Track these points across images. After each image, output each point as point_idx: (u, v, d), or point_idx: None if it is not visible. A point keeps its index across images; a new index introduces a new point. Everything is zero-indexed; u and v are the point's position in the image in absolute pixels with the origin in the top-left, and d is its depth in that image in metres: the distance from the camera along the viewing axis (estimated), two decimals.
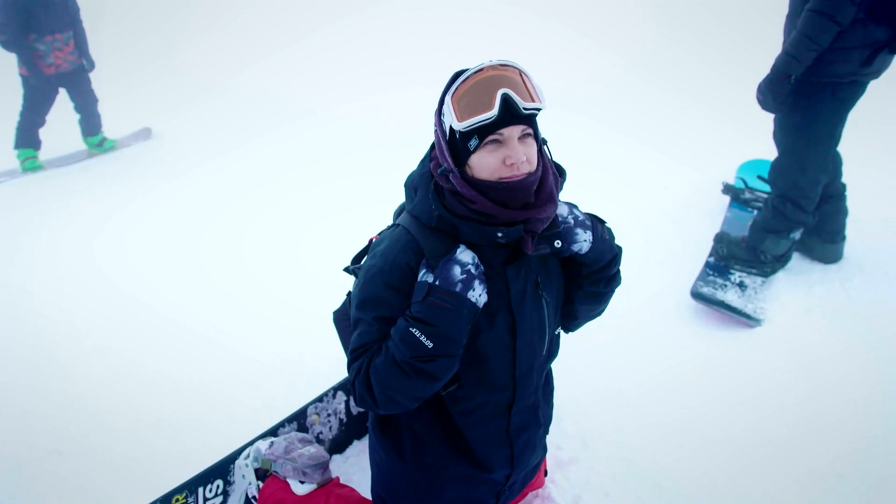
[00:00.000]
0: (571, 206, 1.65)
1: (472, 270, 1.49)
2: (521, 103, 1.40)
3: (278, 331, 3.25)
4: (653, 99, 5.94)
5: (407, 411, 1.65)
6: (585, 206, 1.69)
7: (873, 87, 3.00)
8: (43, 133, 5.83)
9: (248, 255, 4.01)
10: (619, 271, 1.74)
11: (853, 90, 2.93)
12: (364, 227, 1.69)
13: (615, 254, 1.69)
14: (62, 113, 5.95)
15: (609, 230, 1.70)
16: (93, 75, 5.96)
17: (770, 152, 3.31)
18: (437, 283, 1.48)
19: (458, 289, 1.46)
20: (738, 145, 4.51)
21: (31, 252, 4.27)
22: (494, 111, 1.39)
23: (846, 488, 2.25)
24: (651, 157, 4.80)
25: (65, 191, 5.25)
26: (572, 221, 1.60)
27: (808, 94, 2.92)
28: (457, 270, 1.48)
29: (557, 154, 1.66)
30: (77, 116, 5.98)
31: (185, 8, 9.44)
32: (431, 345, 1.46)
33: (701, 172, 4.41)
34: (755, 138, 4.22)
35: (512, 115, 1.41)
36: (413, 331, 1.47)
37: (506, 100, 1.39)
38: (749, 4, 7.17)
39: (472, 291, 1.47)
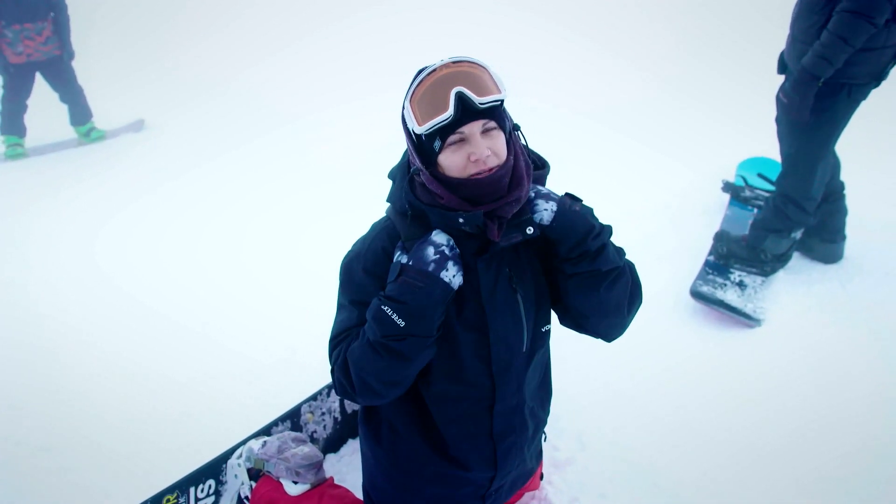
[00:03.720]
0: (539, 186, 1.59)
1: (447, 251, 1.48)
2: (477, 99, 1.39)
3: (273, 328, 3.22)
4: (650, 97, 5.90)
5: (386, 403, 1.66)
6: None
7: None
8: (33, 119, 5.78)
9: (246, 253, 3.96)
10: (605, 248, 1.54)
11: (866, 91, 2.91)
12: (365, 227, 1.68)
13: (591, 226, 1.52)
14: (52, 100, 5.90)
15: (587, 208, 1.56)
16: (86, 71, 5.90)
17: (768, 150, 3.28)
18: (410, 262, 1.48)
19: (430, 268, 1.46)
20: (735, 143, 4.48)
21: (21, 243, 4.22)
22: (450, 111, 1.38)
23: (846, 489, 2.23)
24: (648, 156, 4.76)
25: (52, 180, 5.22)
26: (533, 195, 1.54)
27: (823, 96, 2.86)
28: (430, 251, 1.48)
29: (554, 153, 1.63)
30: (65, 106, 5.95)
31: (189, 5, 9.37)
32: (403, 323, 1.45)
33: (698, 171, 4.38)
34: (753, 136, 4.20)
35: (469, 111, 1.40)
36: (385, 309, 1.47)
37: (460, 98, 1.38)
38: (748, 3, 7.15)
39: (445, 272, 1.47)
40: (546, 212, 1.51)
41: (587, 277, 1.55)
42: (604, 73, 6.48)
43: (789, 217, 3.15)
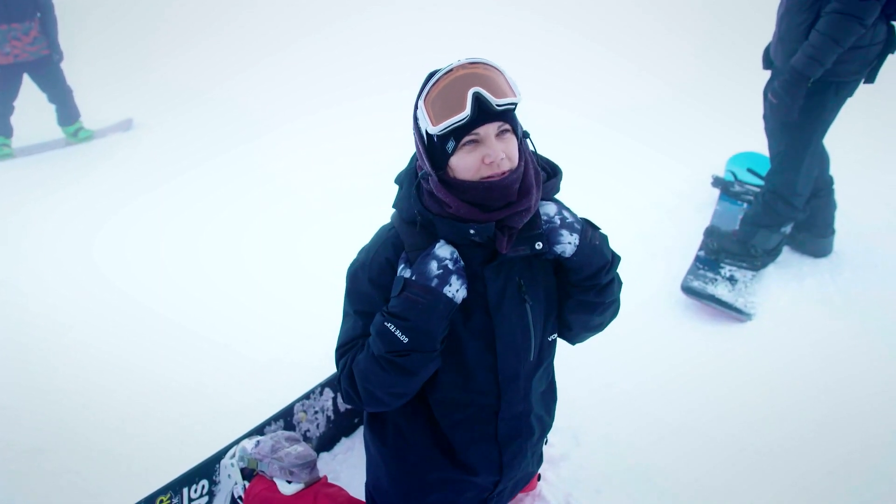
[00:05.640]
0: (562, 206, 1.58)
1: (450, 266, 1.47)
2: (494, 100, 1.37)
3: (267, 327, 3.21)
4: (647, 95, 5.90)
5: (393, 409, 1.65)
6: (576, 201, 1.64)
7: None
8: (20, 120, 5.74)
9: (245, 253, 3.94)
10: (612, 282, 1.63)
11: (852, 88, 2.92)
12: (364, 228, 1.68)
13: (607, 261, 1.59)
14: (39, 100, 5.85)
15: (603, 237, 1.61)
16: (76, 74, 5.84)
17: (760, 146, 3.30)
18: (413, 277, 1.47)
19: (433, 283, 1.45)
20: (728, 140, 4.49)
21: (12, 243, 4.20)
22: (467, 111, 1.36)
23: (846, 488, 2.22)
24: (642, 152, 4.77)
25: (41, 180, 5.18)
26: (558, 222, 1.53)
27: (811, 94, 2.86)
28: (433, 265, 1.46)
29: (548, 150, 1.63)
30: (53, 106, 5.88)
31: (184, 8, 9.29)
32: (406, 340, 1.45)
33: (692, 167, 4.38)
34: (746, 133, 4.22)
35: (486, 113, 1.38)
36: (388, 325, 1.47)
37: (477, 98, 1.36)
38: (745, 0, 7.17)
39: (448, 287, 1.45)
40: (569, 245, 1.52)
41: (587, 303, 1.62)
42: (601, 72, 6.46)
43: (778, 213, 3.17)
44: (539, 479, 2.16)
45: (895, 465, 2.30)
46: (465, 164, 1.42)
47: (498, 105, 1.38)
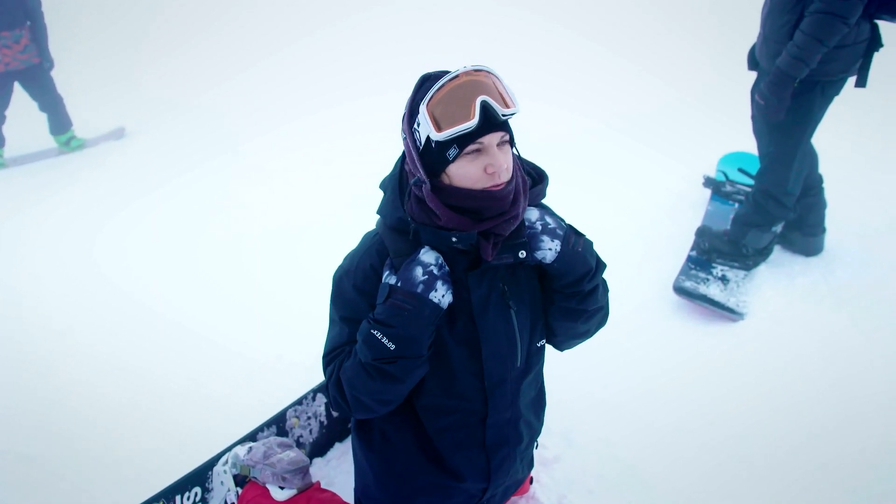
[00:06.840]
0: (545, 211, 1.58)
1: (435, 271, 1.46)
2: (500, 110, 1.36)
3: (266, 328, 3.22)
4: (644, 94, 5.90)
5: (380, 416, 1.65)
6: (574, 200, 1.63)
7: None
8: (11, 129, 5.75)
9: (245, 253, 3.95)
10: (597, 289, 1.61)
11: (839, 87, 2.93)
12: (361, 229, 1.68)
13: (590, 268, 1.56)
14: (31, 110, 5.85)
15: (588, 243, 1.58)
16: (67, 82, 5.83)
17: (753, 145, 3.31)
18: (398, 283, 1.46)
19: (419, 290, 1.44)
20: (728, 139, 4.48)
21: (5, 250, 4.21)
22: (475, 120, 1.35)
23: (843, 488, 2.22)
24: (642, 152, 4.75)
25: (34, 189, 5.19)
26: (539, 228, 1.52)
27: (797, 94, 2.86)
28: (419, 271, 1.46)
29: (546, 150, 1.63)
30: (44, 115, 5.87)
31: (178, 14, 9.28)
32: (393, 346, 1.45)
33: (691, 166, 4.37)
34: (746, 132, 4.23)
35: (491, 122, 1.37)
36: (374, 333, 1.46)
37: (485, 107, 1.35)
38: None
39: (434, 292, 1.45)
40: (550, 252, 1.51)
41: (571, 310, 1.61)
42: (601, 72, 6.44)
43: (769, 212, 3.17)
44: (532, 481, 2.16)
45: (893, 466, 2.30)
46: (466, 172, 1.41)
47: (503, 115, 1.38)
